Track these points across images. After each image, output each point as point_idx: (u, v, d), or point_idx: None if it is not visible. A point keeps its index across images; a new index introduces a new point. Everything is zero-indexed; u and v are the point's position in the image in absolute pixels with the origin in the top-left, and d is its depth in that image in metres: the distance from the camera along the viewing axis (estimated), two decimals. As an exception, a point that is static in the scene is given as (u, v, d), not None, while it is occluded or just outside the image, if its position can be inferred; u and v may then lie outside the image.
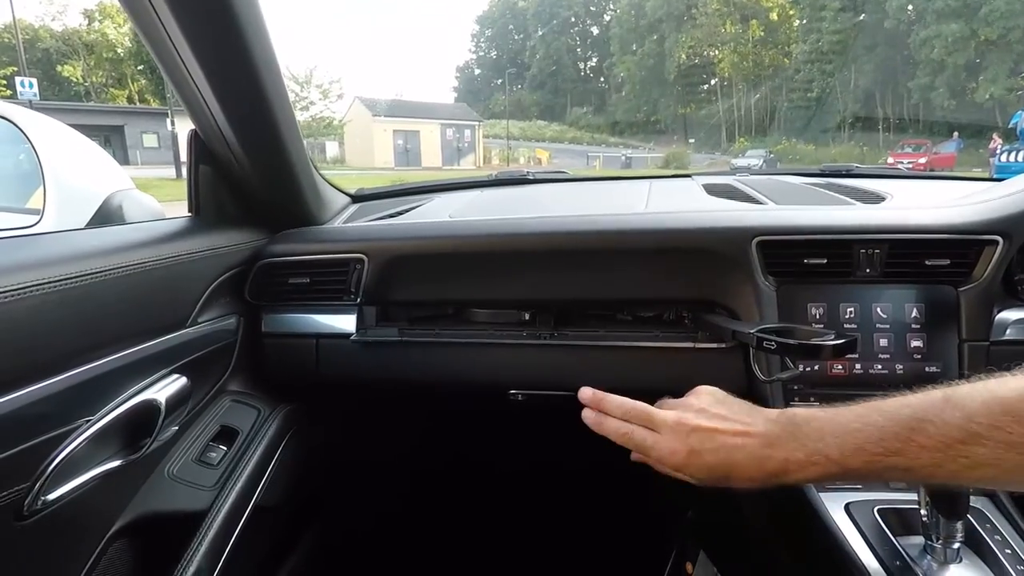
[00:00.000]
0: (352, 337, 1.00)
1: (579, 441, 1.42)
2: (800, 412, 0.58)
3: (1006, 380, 0.47)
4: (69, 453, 0.62)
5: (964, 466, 0.47)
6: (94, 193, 1.12)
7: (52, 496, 0.61)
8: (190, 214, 0.97)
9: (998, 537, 0.67)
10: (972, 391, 0.48)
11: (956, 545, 0.64)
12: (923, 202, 0.98)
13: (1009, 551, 0.65)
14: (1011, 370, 0.48)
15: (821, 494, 0.75)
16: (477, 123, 37.17)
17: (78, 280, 0.64)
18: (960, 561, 0.64)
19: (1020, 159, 10.32)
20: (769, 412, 0.61)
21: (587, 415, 0.73)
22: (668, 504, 1.24)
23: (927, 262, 0.83)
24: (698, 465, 0.61)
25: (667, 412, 0.66)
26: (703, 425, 0.61)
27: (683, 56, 48.80)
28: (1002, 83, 27.67)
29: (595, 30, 71.12)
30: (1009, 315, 0.85)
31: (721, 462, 0.59)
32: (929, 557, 0.64)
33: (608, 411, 0.71)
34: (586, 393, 0.75)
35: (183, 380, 0.79)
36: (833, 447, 0.53)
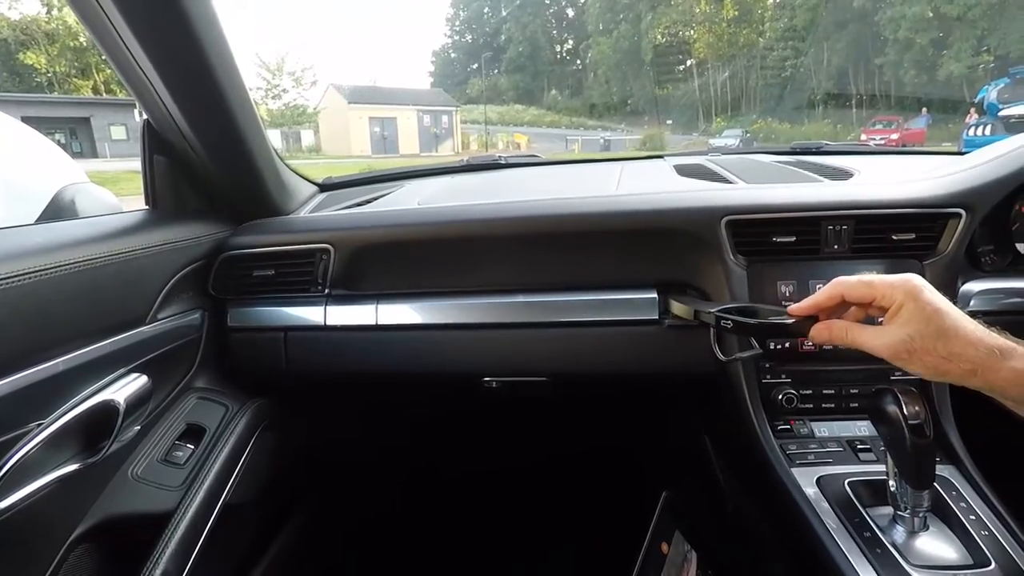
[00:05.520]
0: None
1: (552, 431, 1.42)
2: None
3: None
4: (20, 458, 0.60)
5: None
6: (43, 188, 1.07)
7: (3, 504, 0.59)
8: (147, 207, 0.94)
9: (963, 504, 0.69)
10: None
11: (923, 514, 0.65)
12: (889, 177, 0.98)
13: (973, 517, 0.67)
14: None
15: (793, 469, 0.76)
16: (454, 109, 36.77)
17: (22, 278, 0.61)
18: (927, 529, 0.65)
19: (987, 133, 10.46)
20: None
21: None
22: (642, 486, 1.25)
23: (893, 236, 0.84)
24: None
25: None
26: None
27: (658, 37, 48.68)
28: (965, 60, 28.03)
29: (571, 11, 70.63)
30: (973, 286, 0.86)
31: None
32: (898, 526, 0.66)
33: None
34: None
35: (143, 379, 0.76)
36: None
